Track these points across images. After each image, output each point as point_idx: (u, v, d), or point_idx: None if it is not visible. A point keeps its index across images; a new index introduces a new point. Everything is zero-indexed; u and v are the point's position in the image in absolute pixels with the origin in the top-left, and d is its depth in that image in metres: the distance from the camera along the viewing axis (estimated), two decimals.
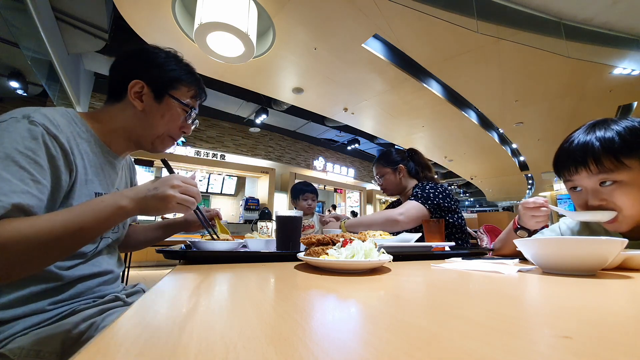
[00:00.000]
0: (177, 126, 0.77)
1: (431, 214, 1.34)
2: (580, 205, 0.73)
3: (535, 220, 0.81)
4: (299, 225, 0.84)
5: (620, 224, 0.68)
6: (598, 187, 0.68)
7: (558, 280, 0.47)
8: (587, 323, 0.25)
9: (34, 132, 0.54)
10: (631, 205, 0.65)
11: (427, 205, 1.33)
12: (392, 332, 0.23)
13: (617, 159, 0.64)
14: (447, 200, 1.36)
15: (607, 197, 0.67)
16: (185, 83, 0.76)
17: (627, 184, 0.64)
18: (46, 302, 0.61)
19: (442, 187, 1.41)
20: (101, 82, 5.06)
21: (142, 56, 0.74)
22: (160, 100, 0.73)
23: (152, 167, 5.85)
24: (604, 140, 0.65)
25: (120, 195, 0.58)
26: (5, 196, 0.48)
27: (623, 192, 0.65)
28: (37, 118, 0.56)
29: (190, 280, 0.47)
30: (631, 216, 0.66)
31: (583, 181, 0.70)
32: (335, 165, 8.82)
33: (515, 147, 7.31)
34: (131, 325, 0.25)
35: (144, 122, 0.73)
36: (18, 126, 0.54)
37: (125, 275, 3.07)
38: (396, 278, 0.50)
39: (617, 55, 3.47)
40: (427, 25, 2.96)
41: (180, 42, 3.19)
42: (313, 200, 2.11)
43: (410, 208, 1.33)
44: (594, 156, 0.66)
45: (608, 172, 0.65)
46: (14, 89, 4.27)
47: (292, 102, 4.83)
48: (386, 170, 1.57)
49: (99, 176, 0.70)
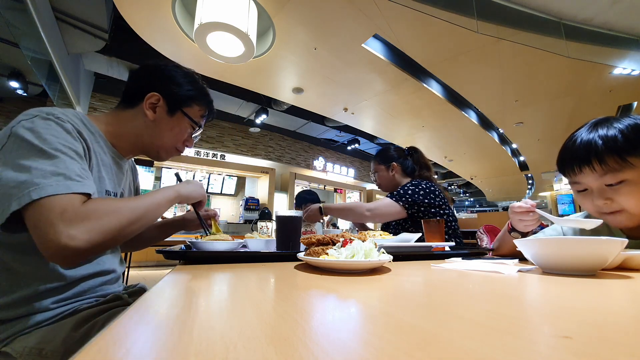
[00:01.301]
0: (181, 139, 0.83)
1: (407, 211, 1.38)
2: (588, 207, 0.73)
3: (524, 224, 0.80)
4: (299, 225, 0.84)
5: (623, 220, 0.68)
6: (604, 186, 0.67)
7: (558, 280, 0.47)
8: (587, 323, 0.25)
9: (66, 127, 0.58)
10: (635, 204, 0.65)
11: (400, 203, 1.37)
12: (392, 332, 0.23)
13: (622, 157, 0.63)
14: (430, 197, 1.38)
15: (612, 195, 0.67)
16: (198, 103, 0.82)
17: (633, 182, 0.64)
18: (49, 300, 0.62)
19: (425, 184, 1.42)
20: (101, 82, 5.06)
21: (164, 72, 0.79)
22: (172, 114, 0.78)
23: (152, 167, 5.85)
24: (607, 138, 0.64)
25: (171, 189, 0.73)
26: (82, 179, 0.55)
27: (629, 191, 0.64)
28: (61, 115, 0.59)
29: (191, 280, 0.47)
30: (636, 213, 0.66)
31: (588, 181, 0.69)
32: (335, 165, 8.81)
33: (515, 147, 7.31)
34: (132, 324, 0.25)
35: (152, 132, 0.77)
36: (48, 123, 0.57)
37: (126, 275, 3.08)
38: (396, 278, 0.50)
39: (617, 55, 3.47)
40: (427, 25, 2.96)
41: (180, 42, 3.19)
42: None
43: (381, 205, 1.40)
44: (598, 155, 0.65)
45: (613, 171, 0.64)
46: (14, 89, 4.27)
47: (292, 102, 4.82)
48: (380, 167, 1.62)
49: (109, 174, 0.73)
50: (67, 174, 0.52)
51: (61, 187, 0.50)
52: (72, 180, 0.52)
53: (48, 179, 0.50)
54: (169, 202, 0.70)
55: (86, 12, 3.23)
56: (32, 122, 0.55)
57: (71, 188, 0.51)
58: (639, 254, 0.56)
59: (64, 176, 0.51)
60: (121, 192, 0.80)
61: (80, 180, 0.53)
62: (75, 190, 0.51)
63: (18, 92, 4.37)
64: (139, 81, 0.78)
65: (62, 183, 0.51)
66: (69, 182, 0.51)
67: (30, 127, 0.54)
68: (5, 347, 0.56)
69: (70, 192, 0.51)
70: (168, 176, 6.35)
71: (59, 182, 0.50)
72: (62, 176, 0.51)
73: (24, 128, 0.54)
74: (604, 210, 0.69)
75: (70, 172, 0.53)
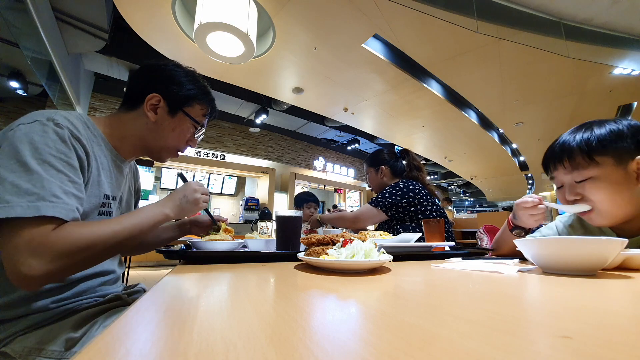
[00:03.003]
0: (184, 139, 0.81)
1: (387, 213, 1.48)
2: (563, 201, 0.78)
3: (535, 219, 0.82)
4: (299, 225, 0.84)
5: (595, 217, 0.71)
6: (574, 183, 0.73)
7: (558, 280, 0.47)
8: (587, 323, 0.25)
9: (62, 134, 0.57)
10: (602, 200, 0.69)
11: (379, 207, 1.48)
12: (392, 332, 0.23)
13: (589, 156, 0.68)
14: (408, 195, 1.45)
15: (581, 191, 0.72)
16: (200, 102, 0.81)
17: (599, 179, 0.68)
18: (49, 300, 0.62)
19: (404, 184, 1.49)
20: (101, 82, 5.06)
21: (164, 72, 0.78)
22: (174, 114, 0.77)
23: (152, 167, 5.85)
24: (581, 139, 0.70)
25: (162, 205, 0.71)
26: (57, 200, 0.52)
27: (595, 187, 0.69)
28: (61, 121, 0.58)
29: (190, 280, 0.47)
30: (607, 211, 0.69)
31: (561, 177, 0.76)
32: (335, 165, 8.81)
33: (515, 147, 7.31)
34: (132, 324, 0.25)
35: (154, 133, 0.76)
36: (46, 129, 0.55)
37: (126, 275, 3.08)
38: (396, 278, 0.50)
39: (617, 55, 3.47)
40: (427, 25, 2.96)
41: (180, 42, 3.19)
42: (315, 209, 2.45)
43: (362, 212, 1.55)
44: (568, 154, 0.72)
45: (580, 168, 0.70)
46: (14, 89, 4.26)
47: (292, 102, 4.82)
48: (370, 170, 1.72)
49: (108, 178, 0.72)
50: (41, 194, 0.50)
51: (31, 210, 0.48)
52: (45, 201, 0.50)
53: (21, 197, 0.48)
54: (154, 225, 0.66)
55: (86, 12, 3.23)
56: (29, 127, 0.54)
57: (41, 210, 0.49)
58: (639, 253, 0.56)
59: (37, 196, 0.49)
60: (120, 196, 0.79)
61: (54, 202, 0.51)
62: (45, 213, 0.49)
63: (18, 92, 4.37)
64: (139, 82, 0.77)
65: (33, 205, 0.48)
66: (41, 204, 0.49)
67: (25, 133, 0.53)
68: (5, 347, 0.56)
69: (39, 215, 0.48)
70: (168, 176, 6.35)
71: (30, 204, 0.48)
72: (35, 196, 0.49)
73: (19, 133, 0.53)
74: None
75: (46, 191, 0.50)
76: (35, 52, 3.15)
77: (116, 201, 0.76)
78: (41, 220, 0.49)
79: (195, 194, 0.76)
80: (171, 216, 0.71)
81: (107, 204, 0.71)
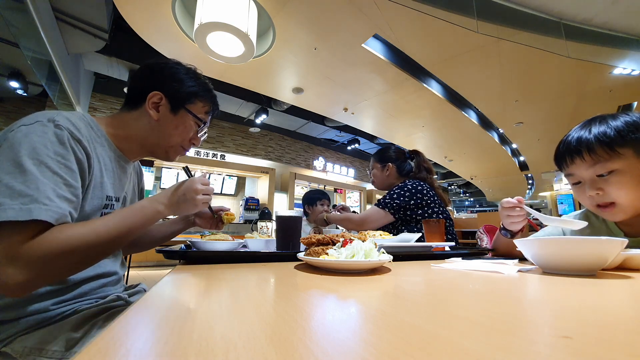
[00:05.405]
0: (188, 137, 0.81)
1: (395, 215, 1.43)
2: (583, 200, 0.74)
3: (510, 220, 0.80)
4: (299, 225, 0.84)
5: (616, 212, 0.69)
6: (595, 177, 0.69)
7: (558, 280, 0.47)
8: (587, 323, 0.25)
9: (61, 136, 0.56)
10: (626, 194, 0.66)
11: (386, 209, 1.44)
12: (392, 332, 0.23)
13: (611, 147, 0.65)
14: (416, 197, 1.41)
15: (603, 185, 0.68)
16: (202, 99, 0.80)
17: (622, 172, 0.66)
18: (50, 302, 0.62)
19: (412, 185, 1.45)
20: (101, 82, 5.06)
21: (165, 70, 0.77)
22: (176, 112, 0.76)
23: (152, 167, 5.85)
24: (598, 132, 0.67)
25: (156, 201, 0.68)
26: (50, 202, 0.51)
27: (618, 181, 0.66)
28: (62, 122, 0.58)
29: (191, 280, 0.47)
30: (629, 205, 0.67)
31: (580, 172, 0.72)
32: (335, 165, 8.81)
33: (515, 147, 7.31)
34: (132, 325, 0.25)
35: (157, 132, 0.76)
36: (45, 130, 0.55)
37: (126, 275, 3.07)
38: (396, 278, 0.50)
39: (617, 55, 3.47)
40: (427, 25, 2.96)
41: (180, 42, 3.18)
42: (328, 205, 2.40)
43: (370, 214, 1.50)
44: (588, 146, 0.68)
45: (602, 161, 0.67)
46: (14, 89, 4.26)
47: (292, 102, 4.82)
48: (376, 166, 1.69)
49: (111, 179, 0.72)
50: (35, 196, 0.49)
51: (23, 213, 0.47)
52: (38, 203, 0.49)
53: (14, 199, 0.48)
54: (145, 223, 0.65)
55: (86, 12, 3.23)
56: (29, 128, 0.54)
57: (32, 214, 0.48)
58: (639, 253, 0.56)
59: (30, 198, 0.48)
60: (124, 196, 0.79)
61: (47, 204, 0.50)
62: (37, 217, 0.48)
63: (18, 92, 4.37)
64: (141, 81, 0.76)
65: (25, 207, 0.48)
66: (34, 206, 0.48)
67: (25, 134, 0.53)
68: (5, 347, 0.56)
69: (30, 219, 0.47)
70: (168, 176, 6.35)
71: (23, 206, 0.48)
72: (28, 198, 0.48)
73: (20, 134, 0.53)
74: (597, 202, 0.71)
75: (40, 193, 0.50)
76: (35, 52, 3.16)
77: (119, 202, 0.76)
78: (30, 225, 0.48)
79: (195, 195, 0.73)
80: (165, 213, 0.69)
81: (110, 206, 0.71)
